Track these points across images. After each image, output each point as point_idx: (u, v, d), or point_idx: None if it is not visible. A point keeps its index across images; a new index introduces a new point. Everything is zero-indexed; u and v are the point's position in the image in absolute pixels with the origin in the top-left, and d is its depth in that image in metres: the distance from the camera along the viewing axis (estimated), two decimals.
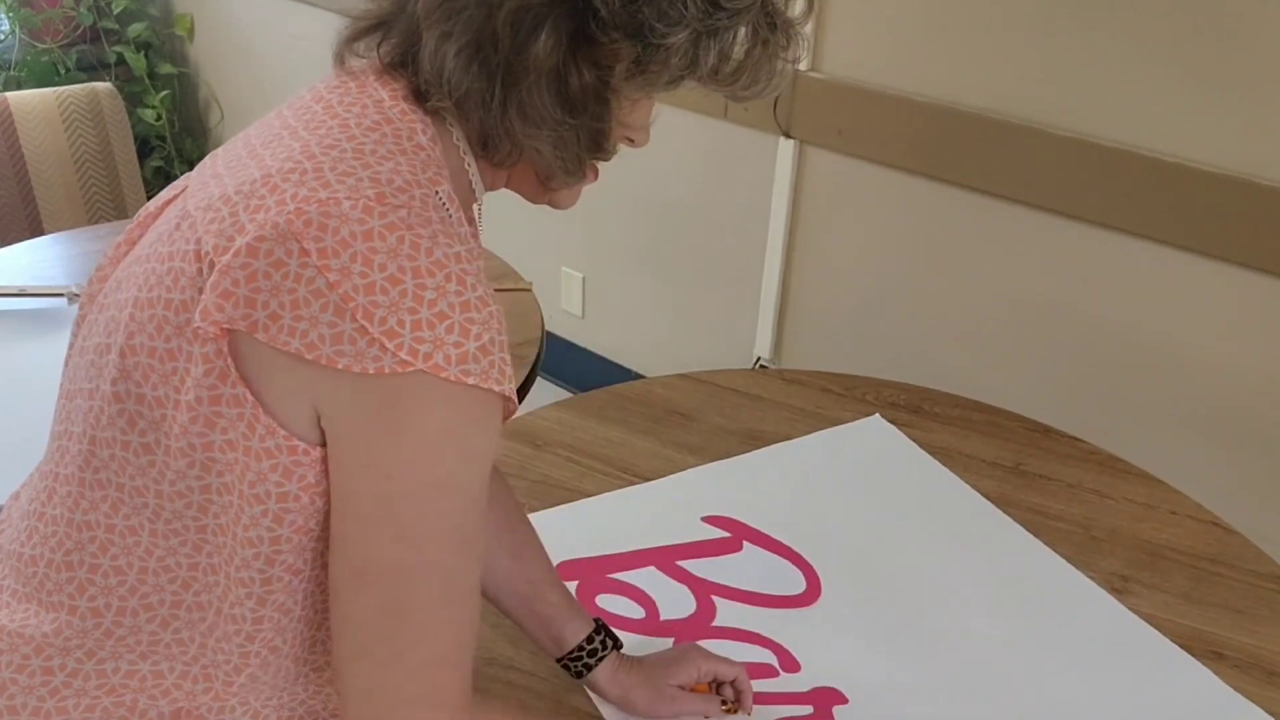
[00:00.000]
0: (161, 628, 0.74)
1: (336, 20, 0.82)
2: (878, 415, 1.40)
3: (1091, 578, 1.14)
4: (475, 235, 0.83)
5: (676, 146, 2.34)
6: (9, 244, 1.80)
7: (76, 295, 1.59)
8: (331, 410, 0.65)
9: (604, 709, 0.96)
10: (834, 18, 1.98)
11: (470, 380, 0.64)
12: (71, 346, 0.79)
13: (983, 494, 1.26)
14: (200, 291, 0.66)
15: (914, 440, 1.35)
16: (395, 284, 0.63)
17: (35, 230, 2.04)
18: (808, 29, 0.76)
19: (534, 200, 0.83)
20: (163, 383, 0.68)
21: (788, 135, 2.10)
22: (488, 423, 0.67)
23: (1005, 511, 1.23)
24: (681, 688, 0.95)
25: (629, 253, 2.57)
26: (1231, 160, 1.61)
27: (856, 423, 1.39)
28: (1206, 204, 1.64)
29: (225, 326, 0.64)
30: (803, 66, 2.03)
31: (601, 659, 0.95)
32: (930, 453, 1.33)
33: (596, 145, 0.75)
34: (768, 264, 2.26)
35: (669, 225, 2.45)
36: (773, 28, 0.73)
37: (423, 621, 0.68)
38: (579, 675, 0.96)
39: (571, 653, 0.95)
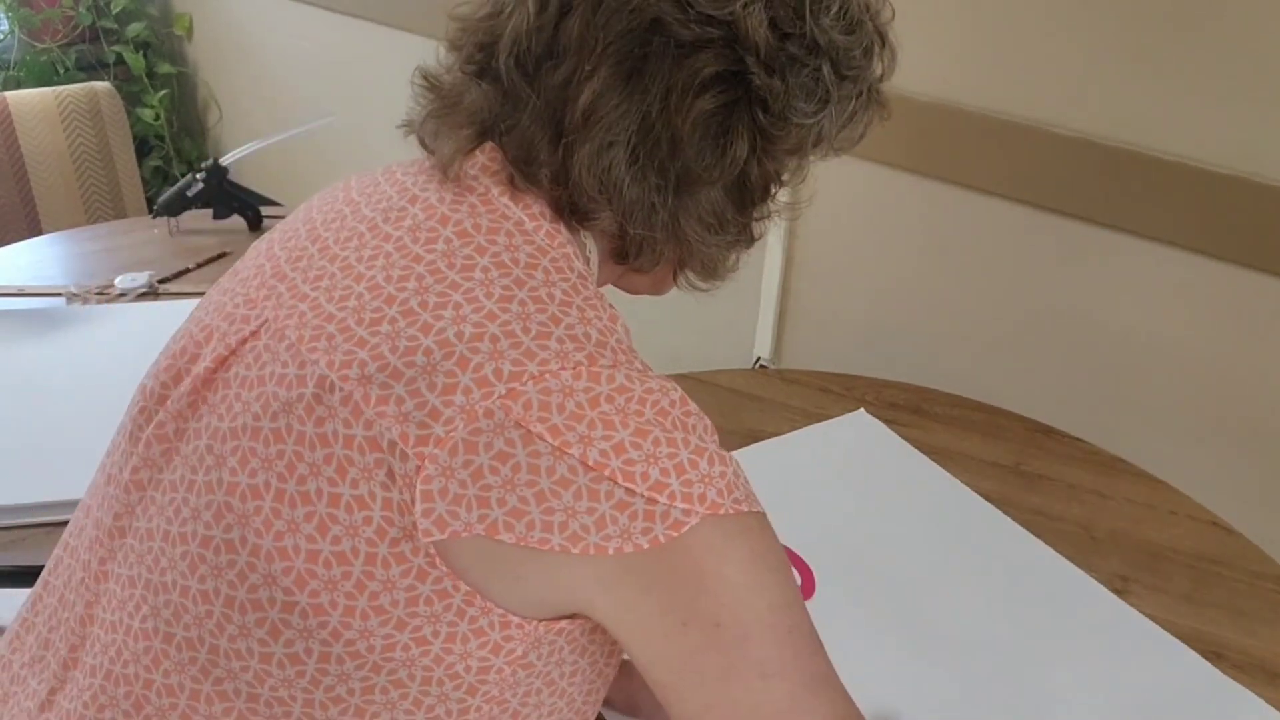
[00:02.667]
0: None
1: (336, 20, 0.80)
2: (862, 410, 1.40)
3: (1092, 577, 1.14)
4: None
5: None
6: (7, 243, 1.80)
7: (75, 295, 1.58)
8: (601, 593, 0.59)
9: (608, 714, 0.96)
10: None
11: (744, 508, 0.60)
12: (123, 518, 0.67)
13: (983, 494, 1.26)
14: (384, 487, 0.57)
15: (914, 440, 1.35)
16: (645, 435, 0.57)
17: (34, 230, 2.04)
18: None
19: (637, 294, 0.80)
20: (327, 589, 0.59)
21: None
22: (772, 536, 0.63)
23: (1005, 511, 1.23)
24: None
25: None
26: (1231, 160, 1.61)
27: (842, 417, 1.39)
28: (1206, 204, 1.63)
29: (461, 534, 0.57)
30: None
31: None
32: (930, 453, 1.33)
33: (752, 237, 0.73)
34: (768, 264, 2.25)
35: None
36: (873, 90, 0.74)
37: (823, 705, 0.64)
38: None
39: None
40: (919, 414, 1.41)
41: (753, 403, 1.42)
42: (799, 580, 1.12)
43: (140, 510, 0.66)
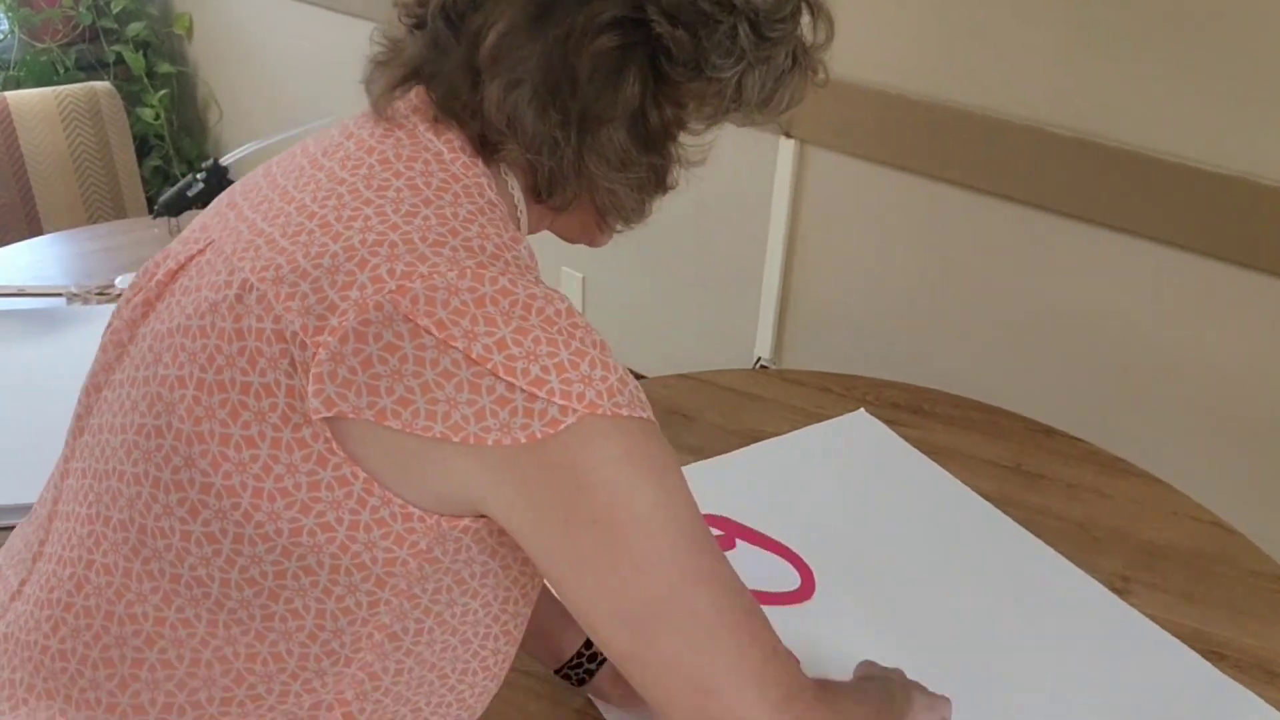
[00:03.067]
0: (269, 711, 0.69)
1: (336, 19, 0.82)
2: (863, 410, 1.40)
3: (1092, 577, 1.14)
4: None
5: None
6: (8, 243, 1.80)
7: (76, 295, 1.58)
8: (489, 488, 0.62)
9: (609, 714, 0.96)
10: (834, 16, 1.98)
11: (624, 412, 0.62)
12: (83, 419, 0.74)
13: (983, 494, 1.26)
14: (288, 375, 0.62)
15: (914, 440, 1.35)
16: (525, 334, 0.61)
17: (34, 230, 2.04)
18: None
19: (573, 240, 0.82)
20: (238, 470, 0.64)
21: (788, 135, 2.10)
22: (659, 441, 0.65)
23: (1005, 511, 1.23)
24: None
25: (628, 252, 2.56)
26: (1231, 160, 1.61)
27: (842, 417, 1.39)
28: (1206, 204, 1.64)
29: (349, 415, 0.61)
30: None
31: (603, 662, 0.95)
32: (930, 452, 1.33)
33: (661, 182, 0.75)
34: (768, 264, 2.25)
35: (669, 225, 2.45)
36: (804, 54, 0.76)
37: (726, 625, 0.66)
38: (580, 683, 0.95)
39: (571, 661, 0.95)
40: (919, 414, 1.41)
41: (753, 403, 1.42)
42: (798, 581, 1.12)
43: (95, 409, 0.73)
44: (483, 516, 0.66)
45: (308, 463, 0.62)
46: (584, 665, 0.94)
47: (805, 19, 0.75)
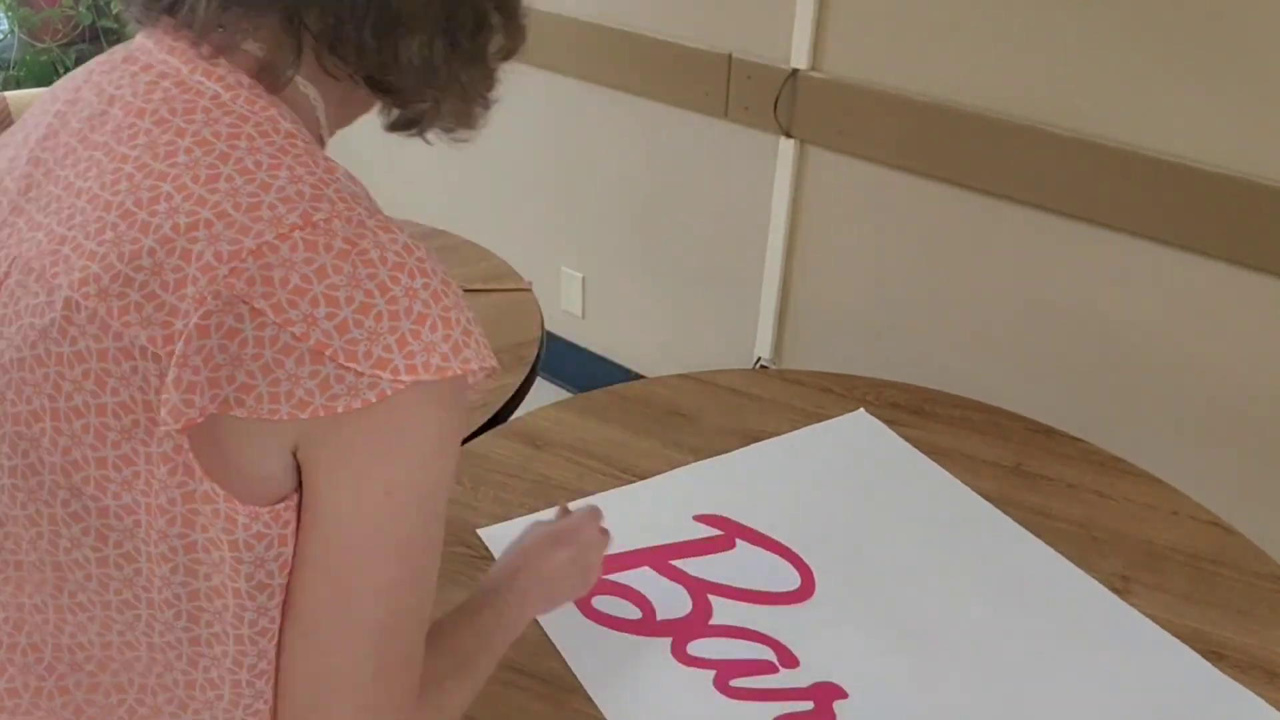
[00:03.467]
0: None
1: None
2: (862, 410, 1.40)
3: (1092, 577, 1.14)
4: None
5: (677, 145, 2.34)
6: None
7: None
8: (317, 448, 0.61)
9: (608, 712, 0.96)
10: (834, 18, 1.98)
11: (472, 365, 0.62)
12: None
13: (983, 494, 1.26)
14: (142, 390, 0.60)
15: (914, 440, 1.35)
16: (367, 311, 0.59)
17: None
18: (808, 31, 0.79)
19: (353, 119, 0.78)
20: (125, 490, 0.62)
21: (788, 135, 2.10)
22: (464, 407, 0.66)
23: (1005, 511, 1.23)
24: None
25: (629, 253, 2.56)
26: (1231, 160, 1.61)
27: (842, 417, 1.39)
28: (1206, 204, 1.64)
29: (194, 422, 0.59)
30: (803, 65, 2.03)
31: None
32: (931, 453, 1.33)
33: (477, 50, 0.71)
34: (768, 264, 2.25)
35: (669, 225, 2.45)
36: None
37: (409, 626, 0.66)
38: None
39: None
40: (919, 414, 1.41)
41: (753, 403, 1.42)
42: (798, 581, 1.12)
43: None
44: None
45: (175, 475, 0.60)
46: None
47: None
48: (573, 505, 1.03)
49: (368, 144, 3.16)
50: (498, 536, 1.16)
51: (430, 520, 0.66)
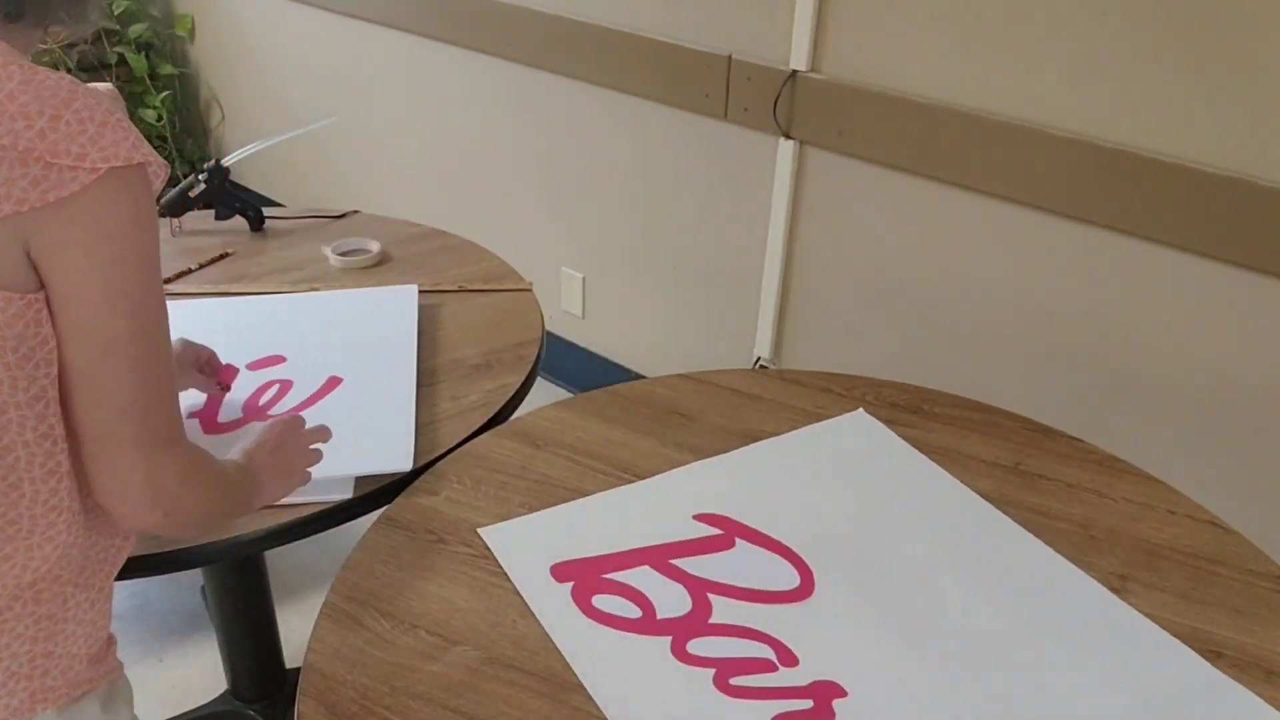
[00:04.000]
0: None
1: (337, 21, 0.84)
2: (861, 410, 1.41)
3: (1090, 576, 1.14)
4: None
5: (676, 146, 2.34)
6: None
7: None
8: (49, 240, 0.79)
9: (605, 708, 0.96)
10: (834, 17, 1.98)
11: (149, 156, 0.82)
12: None
13: (982, 494, 1.26)
14: None
15: (913, 440, 1.35)
16: (58, 121, 0.78)
17: None
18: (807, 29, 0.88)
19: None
20: None
21: (788, 135, 2.10)
22: (150, 192, 0.84)
23: (1004, 511, 1.23)
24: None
25: (629, 253, 2.57)
26: (1231, 160, 1.61)
27: (841, 417, 1.39)
28: (1206, 204, 1.64)
29: None
30: (803, 66, 2.03)
31: None
32: (929, 453, 1.33)
33: None
34: (768, 264, 2.26)
35: (669, 225, 2.45)
36: None
37: (160, 370, 0.87)
38: None
39: None
40: (918, 414, 1.41)
41: (753, 403, 1.43)
42: (798, 580, 1.13)
43: None
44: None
45: None
46: None
47: None
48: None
49: (369, 144, 3.18)
50: (498, 536, 1.16)
51: (150, 279, 0.85)
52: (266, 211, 1.92)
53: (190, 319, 1.57)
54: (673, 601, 1.09)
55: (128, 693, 1.06)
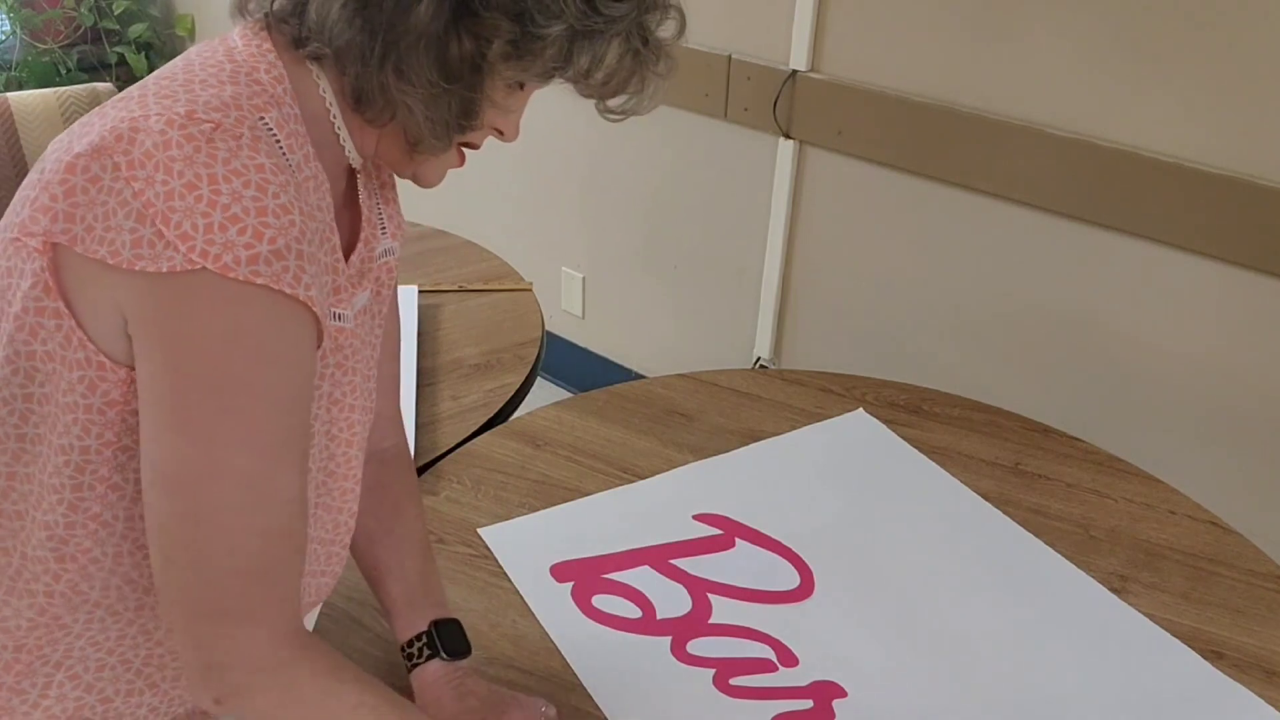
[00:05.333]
0: None
1: None
2: (861, 410, 1.41)
3: (1090, 576, 1.14)
4: (354, 204, 0.86)
5: (676, 146, 2.34)
6: None
7: None
8: (134, 315, 0.68)
9: (608, 710, 0.96)
10: (834, 18, 1.98)
11: (260, 281, 0.67)
12: None
13: (982, 494, 1.26)
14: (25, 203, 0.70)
15: (913, 440, 1.35)
16: (191, 190, 0.66)
17: None
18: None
19: (400, 171, 0.84)
20: None
21: (788, 135, 2.10)
22: (286, 327, 0.70)
23: (1004, 511, 1.23)
24: None
25: (629, 253, 2.57)
26: (1231, 160, 1.61)
27: (841, 417, 1.39)
28: (1206, 204, 1.64)
29: (46, 240, 0.68)
30: (803, 66, 2.03)
31: (417, 665, 0.93)
32: (929, 452, 1.33)
33: (466, 115, 0.77)
34: (768, 264, 2.26)
35: (669, 225, 2.45)
36: (645, 42, 0.77)
37: (219, 526, 0.68)
38: (408, 670, 0.95)
39: (402, 648, 0.95)
40: (918, 414, 1.41)
41: (753, 403, 1.43)
42: (798, 580, 1.13)
43: None
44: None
45: (35, 289, 0.69)
46: (404, 661, 0.95)
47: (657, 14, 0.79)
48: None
49: None
50: (498, 536, 1.16)
51: (234, 415, 0.68)
52: None
53: None
54: (673, 601, 1.09)
55: None
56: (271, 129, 0.71)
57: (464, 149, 0.83)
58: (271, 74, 0.74)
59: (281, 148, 0.71)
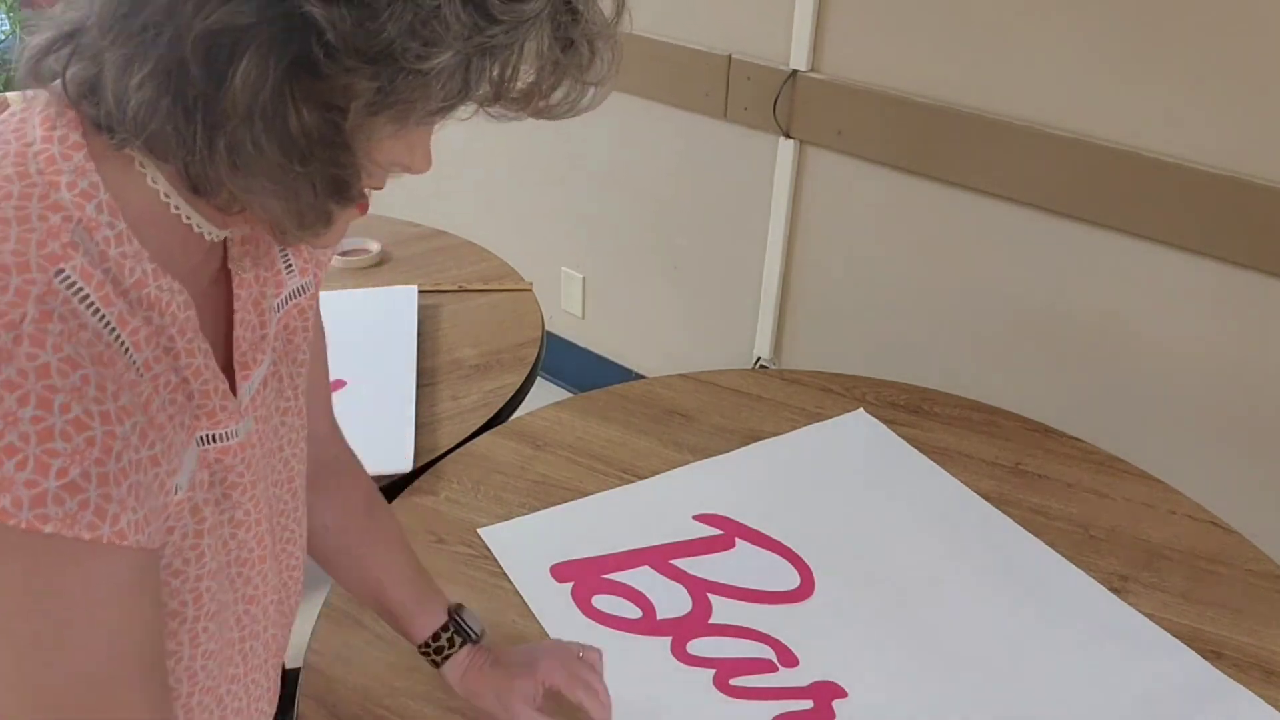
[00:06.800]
0: None
1: None
2: (861, 410, 1.41)
3: (1090, 576, 1.14)
4: (222, 269, 0.70)
5: (676, 146, 2.34)
6: None
7: None
8: None
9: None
10: (834, 18, 1.98)
11: (48, 528, 0.52)
12: None
13: (982, 494, 1.26)
14: None
15: (913, 440, 1.35)
16: None
17: None
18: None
19: (285, 245, 0.69)
20: None
21: (788, 135, 2.10)
22: (96, 575, 0.56)
23: (1004, 511, 1.23)
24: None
25: (629, 253, 2.57)
26: (1231, 160, 1.61)
27: (841, 417, 1.39)
28: (1206, 204, 1.64)
29: None
30: (803, 66, 2.03)
31: (448, 656, 0.94)
32: (929, 453, 1.33)
33: (338, 192, 0.58)
34: (768, 264, 2.26)
35: (669, 225, 2.45)
36: (567, 44, 0.58)
37: None
38: (435, 664, 0.95)
39: (422, 647, 0.95)
40: (919, 414, 1.41)
41: (753, 403, 1.43)
42: (798, 580, 1.12)
43: None
44: None
45: None
46: (431, 655, 0.95)
47: None
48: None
49: None
50: (498, 536, 1.16)
51: (59, 669, 0.56)
52: None
53: None
54: (673, 602, 1.09)
55: None
56: (75, 283, 0.55)
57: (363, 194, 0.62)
58: (76, 189, 0.57)
59: (92, 304, 0.56)
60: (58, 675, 0.57)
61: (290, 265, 0.76)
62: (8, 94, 2.03)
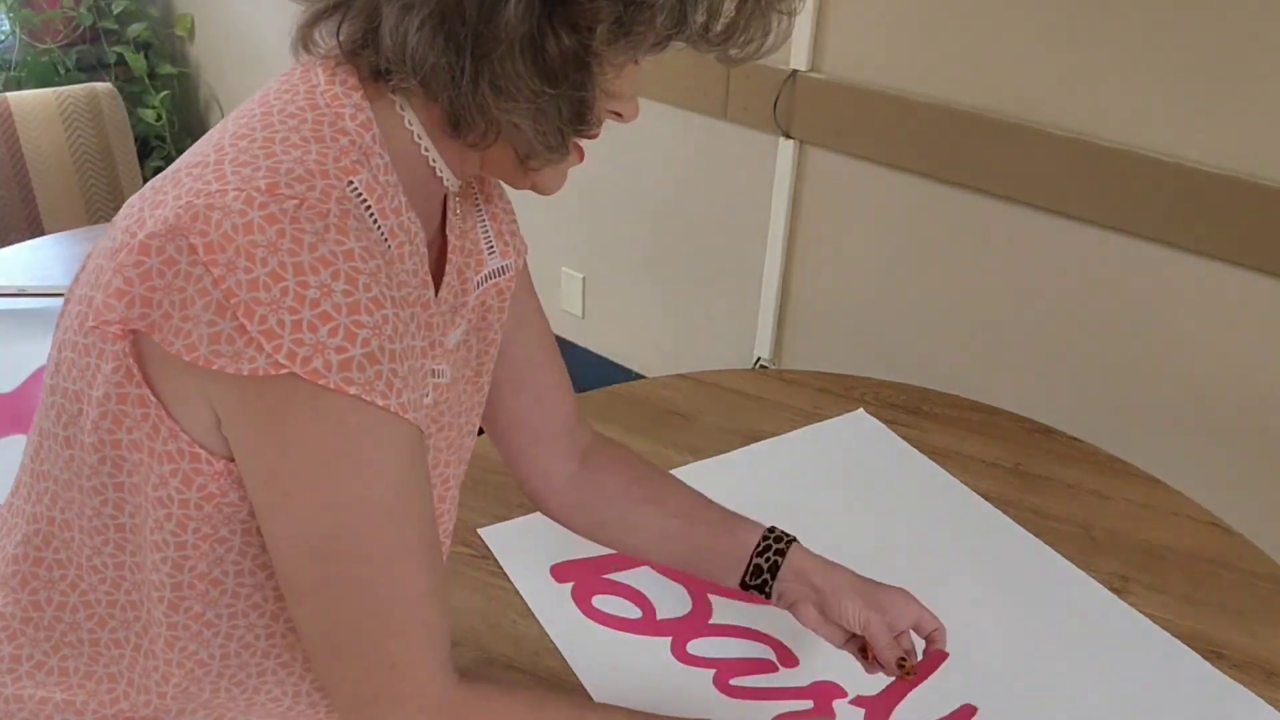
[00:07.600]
0: (99, 626, 0.72)
1: None
2: (861, 410, 1.40)
3: (1091, 577, 1.14)
4: (441, 228, 0.80)
5: (676, 146, 2.34)
6: (8, 244, 1.80)
7: None
8: (226, 416, 0.62)
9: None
10: (834, 18, 1.98)
11: (351, 390, 0.60)
12: None
13: (982, 494, 1.26)
14: (95, 288, 0.65)
15: (913, 440, 1.35)
16: (277, 280, 0.58)
17: (35, 230, 2.04)
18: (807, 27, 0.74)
19: (515, 185, 0.78)
20: (79, 377, 0.66)
21: (788, 135, 2.10)
22: (386, 438, 0.63)
23: (1004, 512, 1.23)
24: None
25: (629, 253, 2.57)
26: (1231, 160, 1.61)
27: (841, 417, 1.39)
28: (1206, 204, 1.64)
29: (124, 326, 0.62)
30: (803, 66, 2.03)
31: (791, 543, 0.93)
32: (929, 453, 1.33)
33: (580, 117, 0.68)
34: (768, 264, 2.26)
35: (669, 225, 2.45)
36: None
37: (361, 630, 0.66)
38: (772, 576, 0.92)
39: (758, 549, 0.93)
40: (918, 414, 1.41)
41: (753, 403, 1.43)
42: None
43: None
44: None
45: (117, 374, 0.63)
46: (771, 554, 0.93)
47: None
48: None
49: None
50: (498, 536, 1.16)
51: (354, 532, 0.64)
52: None
53: None
54: (673, 601, 1.09)
55: None
56: (361, 194, 0.64)
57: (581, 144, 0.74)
58: (358, 120, 0.66)
59: (373, 214, 0.65)
60: (361, 538, 0.64)
61: (492, 247, 0.87)
62: (8, 95, 2.03)
